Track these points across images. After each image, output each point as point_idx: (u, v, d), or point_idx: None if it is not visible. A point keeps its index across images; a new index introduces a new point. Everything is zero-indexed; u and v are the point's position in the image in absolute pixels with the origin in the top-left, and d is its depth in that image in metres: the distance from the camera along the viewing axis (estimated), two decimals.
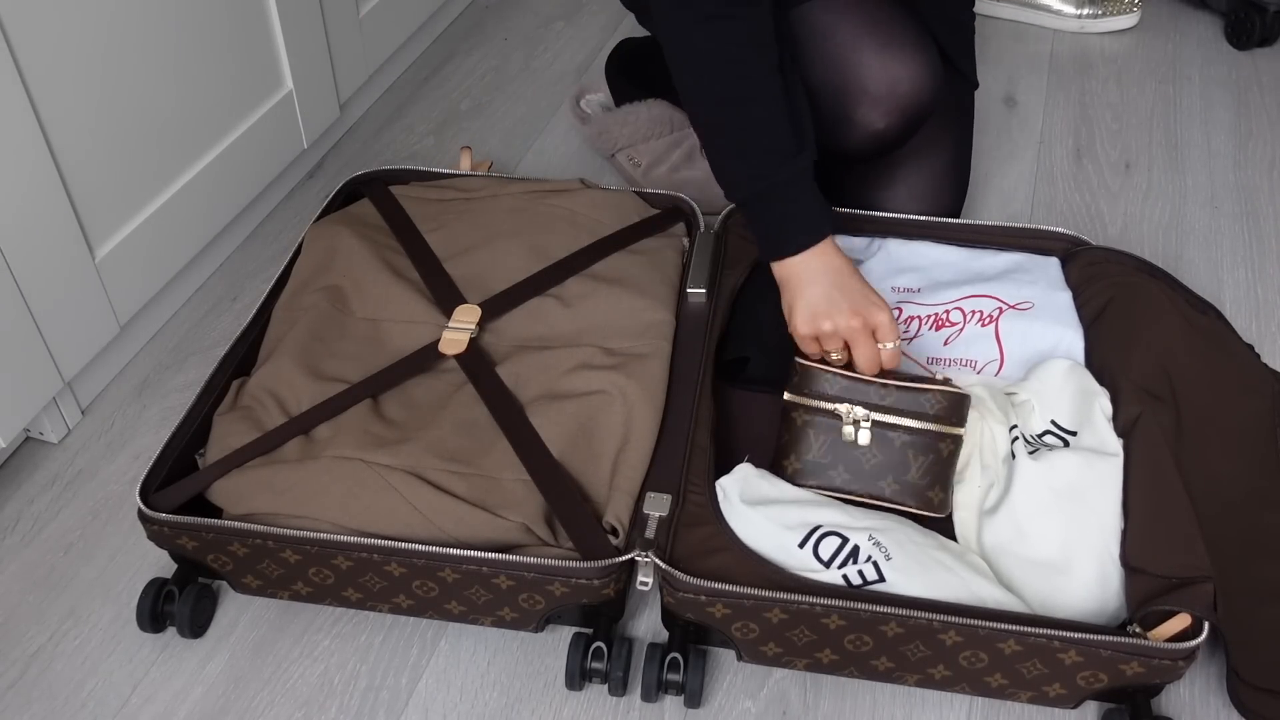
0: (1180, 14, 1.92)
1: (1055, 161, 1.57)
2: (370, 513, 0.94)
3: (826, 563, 0.91)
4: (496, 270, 1.17)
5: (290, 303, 1.16)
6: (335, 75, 1.51)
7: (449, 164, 1.54)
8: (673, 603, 0.91)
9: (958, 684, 0.92)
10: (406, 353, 1.10)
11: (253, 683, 0.96)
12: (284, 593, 0.99)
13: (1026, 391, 1.06)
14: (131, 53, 1.14)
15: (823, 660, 0.92)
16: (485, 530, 0.93)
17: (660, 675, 0.92)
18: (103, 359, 1.21)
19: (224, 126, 1.31)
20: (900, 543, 0.93)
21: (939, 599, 0.90)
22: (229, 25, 1.28)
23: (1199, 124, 1.65)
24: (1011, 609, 0.91)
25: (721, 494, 0.97)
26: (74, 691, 0.95)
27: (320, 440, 1.00)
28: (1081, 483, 0.97)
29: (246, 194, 1.38)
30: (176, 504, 0.96)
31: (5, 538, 1.08)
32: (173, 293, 1.31)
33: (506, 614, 0.95)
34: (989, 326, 1.13)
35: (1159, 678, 0.87)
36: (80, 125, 1.10)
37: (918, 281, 1.20)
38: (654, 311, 1.12)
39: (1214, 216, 1.48)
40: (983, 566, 0.95)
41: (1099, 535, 0.95)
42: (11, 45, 0.99)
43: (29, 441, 1.17)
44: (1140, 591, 0.90)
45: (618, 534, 0.95)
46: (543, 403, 1.03)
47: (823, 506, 0.96)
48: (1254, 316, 1.32)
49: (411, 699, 0.95)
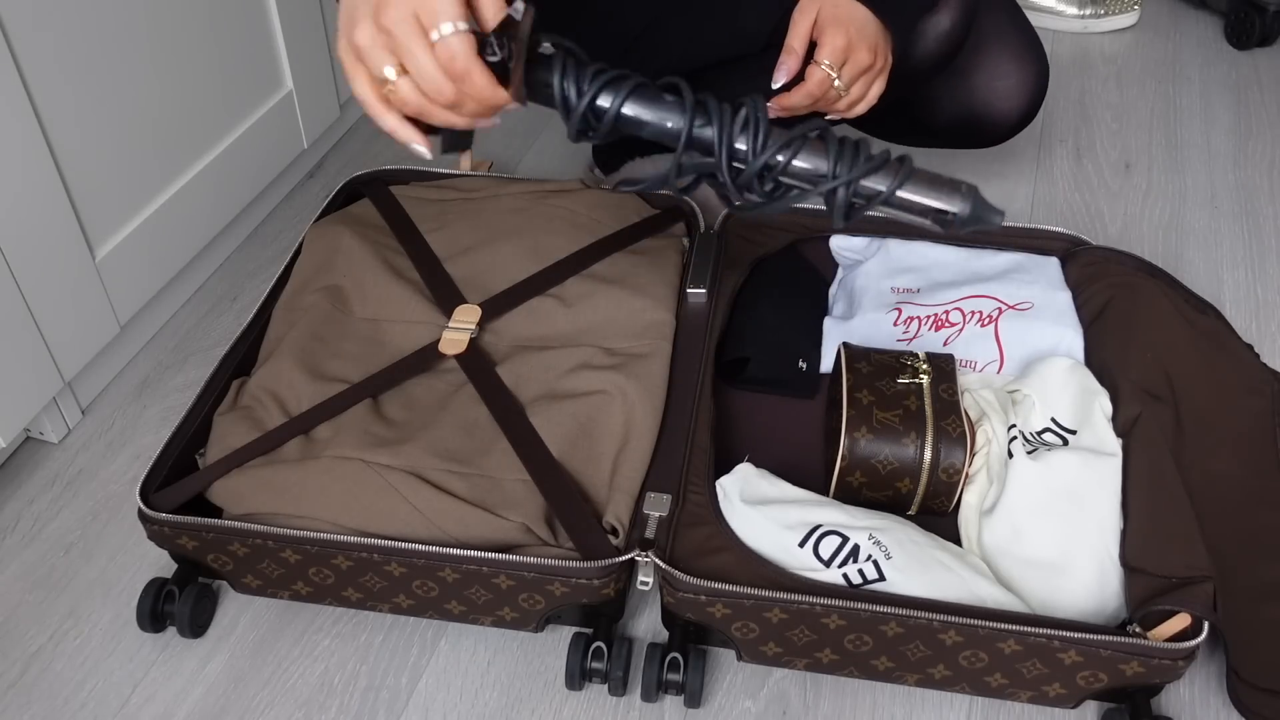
0: (1180, 14, 1.92)
1: (1055, 161, 1.57)
2: (370, 513, 0.94)
3: (827, 562, 0.92)
4: (497, 270, 1.17)
5: (290, 303, 1.16)
6: (335, 75, 1.51)
7: (449, 164, 1.54)
8: (673, 603, 0.91)
9: (958, 684, 0.92)
10: (407, 353, 1.10)
11: (253, 682, 0.96)
12: (284, 593, 0.99)
13: (1028, 387, 1.06)
14: (131, 52, 1.14)
15: (823, 660, 0.92)
16: (485, 530, 0.93)
17: (660, 675, 0.92)
18: (103, 359, 1.22)
19: (224, 126, 1.32)
20: (900, 542, 0.93)
21: (939, 598, 0.90)
22: (229, 25, 1.28)
23: (1199, 124, 1.65)
24: (1012, 609, 0.91)
25: (722, 493, 0.97)
26: (74, 691, 0.95)
27: (320, 440, 1.00)
28: (1080, 483, 0.97)
29: (246, 194, 1.38)
30: (176, 504, 0.96)
31: (5, 538, 1.08)
32: (173, 293, 1.31)
33: (506, 614, 0.95)
34: (989, 327, 1.13)
35: (1159, 677, 0.87)
36: (80, 125, 1.10)
37: (917, 282, 1.20)
38: (654, 311, 1.12)
39: (1214, 216, 1.48)
40: (983, 567, 0.95)
41: (1098, 535, 0.95)
42: (11, 45, 0.99)
43: (29, 441, 1.17)
44: (1140, 591, 0.90)
45: (618, 534, 0.95)
46: (543, 403, 1.03)
47: (823, 506, 0.96)
48: (1254, 316, 1.32)
49: (411, 699, 0.95)
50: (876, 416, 1.00)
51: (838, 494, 1.02)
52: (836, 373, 1.07)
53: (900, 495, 1.01)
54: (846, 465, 1.00)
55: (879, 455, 0.99)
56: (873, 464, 0.99)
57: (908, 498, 1.01)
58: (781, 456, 1.05)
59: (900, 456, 0.99)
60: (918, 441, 0.98)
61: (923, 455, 0.98)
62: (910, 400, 1.00)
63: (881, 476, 1.00)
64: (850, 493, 1.01)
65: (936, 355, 1.06)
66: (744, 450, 1.04)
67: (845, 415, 1.00)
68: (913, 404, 1.00)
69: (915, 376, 1.02)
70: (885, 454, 0.99)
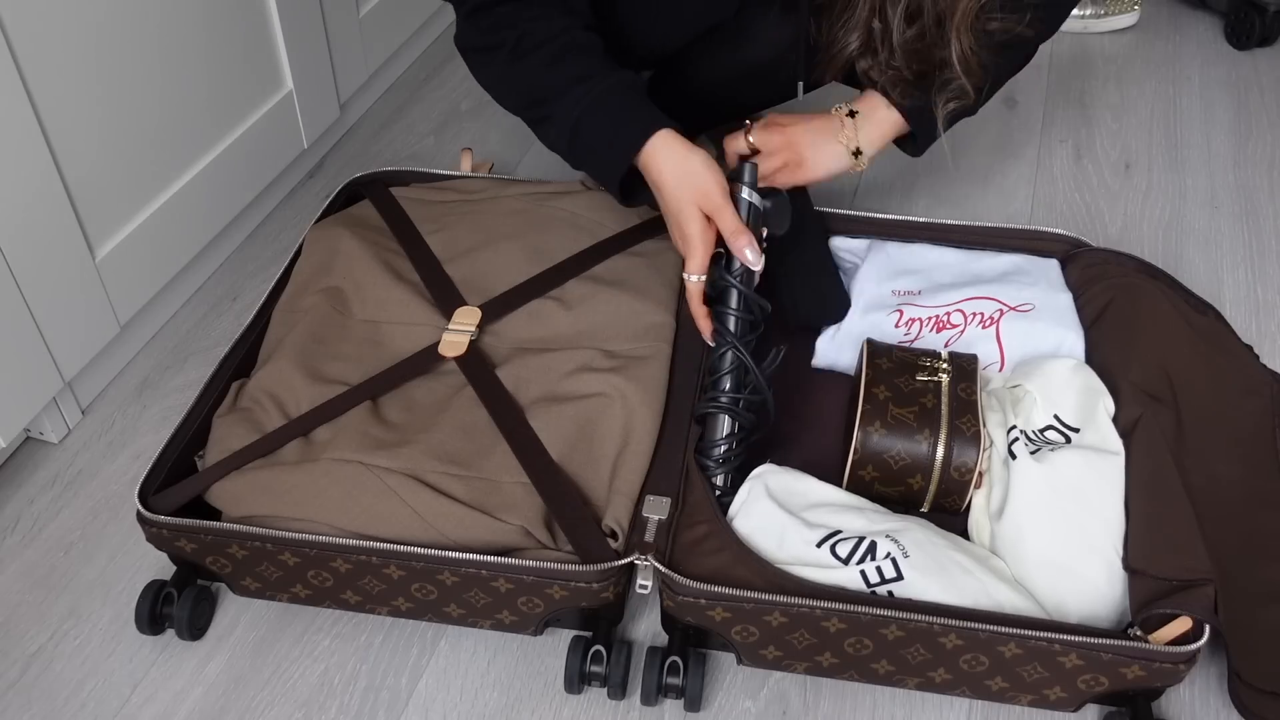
0: (1180, 14, 1.91)
1: (1055, 161, 1.57)
2: (369, 515, 0.94)
3: (845, 559, 0.91)
4: (497, 272, 1.17)
5: (290, 304, 1.16)
6: (335, 75, 1.51)
7: (449, 164, 1.54)
8: (672, 606, 0.91)
9: (958, 687, 0.92)
10: (406, 355, 1.09)
11: (253, 683, 0.96)
12: (283, 595, 0.99)
13: (1030, 383, 1.06)
14: (132, 53, 1.14)
15: (823, 664, 0.92)
16: (484, 533, 0.93)
17: (660, 679, 0.91)
18: (103, 359, 1.21)
19: (224, 126, 1.31)
20: (919, 543, 0.93)
21: (957, 600, 0.90)
22: (229, 25, 1.28)
23: (1199, 124, 1.65)
24: (1029, 614, 0.91)
25: (750, 484, 0.98)
26: (74, 691, 0.95)
27: (319, 442, 1.00)
28: (1083, 482, 0.97)
29: (246, 194, 1.38)
30: (175, 506, 0.96)
31: (5, 538, 1.08)
32: (173, 293, 1.31)
33: (505, 617, 0.95)
34: (990, 328, 1.13)
35: (1160, 681, 0.87)
36: (80, 125, 1.10)
37: (918, 284, 1.20)
38: (654, 314, 1.12)
39: (1214, 216, 1.48)
40: (1004, 570, 0.95)
41: (1103, 534, 0.94)
42: (12, 45, 0.99)
43: (29, 441, 1.17)
44: (1141, 594, 0.90)
45: (617, 537, 0.94)
46: (542, 405, 1.03)
47: (846, 512, 0.96)
48: (1254, 316, 1.32)
49: (411, 699, 0.95)
50: (892, 412, 1.00)
51: (850, 487, 1.02)
52: (858, 367, 1.08)
53: (912, 492, 1.01)
54: (859, 459, 1.00)
55: (892, 450, 1.00)
56: (885, 459, 1.00)
57: (919, 494, 1.01)
58: (803, 456, 1.06)
59: (913, 453, 0.99)
60: (931, 439, 0.99)
61: (935, 453, 0.99)
62: (927, 398, 1.01)
63: (894, 472, 1.00)
64: (862, 486, 1.02)
65: (959, 355, 1.06)
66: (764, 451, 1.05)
67: (860, 409, 1.01)
68: (929, 401, 1.01)
69: (934, 375, 1.03)
70: (898, 449, 0.99)
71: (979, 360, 1.11)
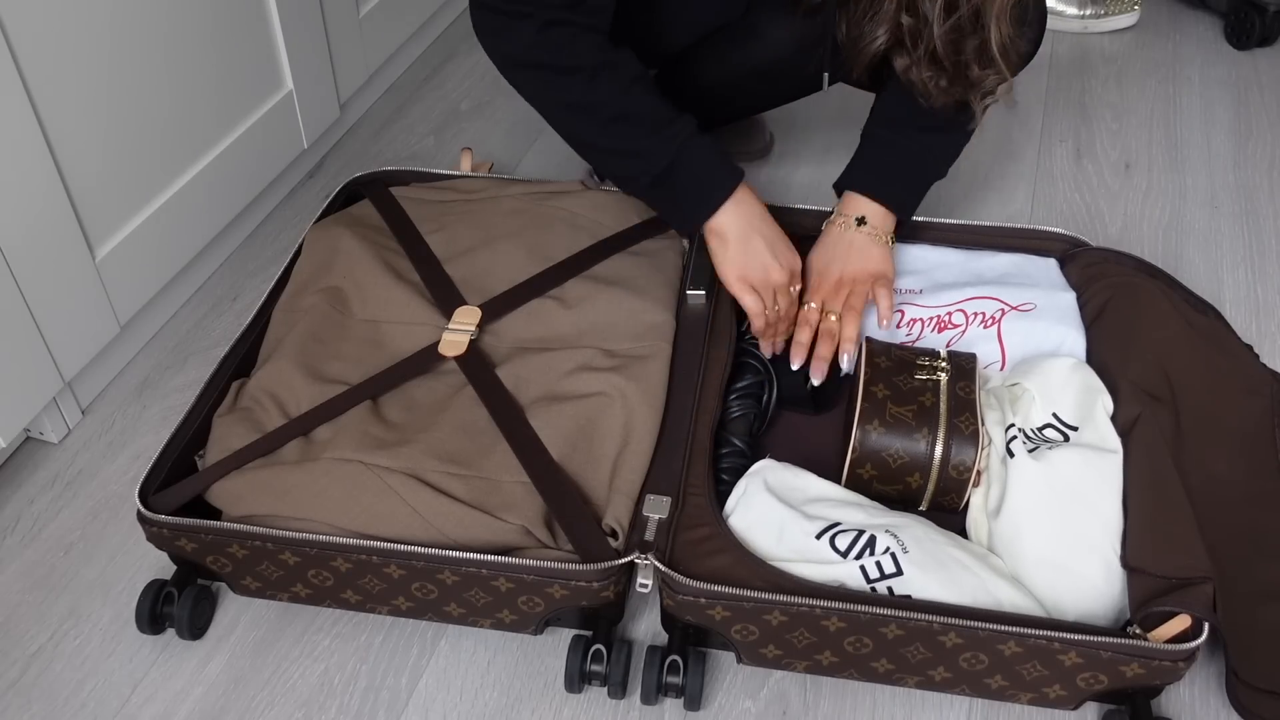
0: (1180, 14, 1.92)
1: (1055, 161, 1.57)
2: (369, 515, 0.94)
3: (844, 553, 0.92)
4: (497, 272, 1.17)
5: (290, 304, 1.16)
6: (335, 75, 1.51)
7: (449, 164, 1.54)
8: (672, 605, 0.91)
9: (958, 685, 0.92)
10: (406, 354, 1.09)
11: (253, 683, 0.96)
12: (283, 594, 0.99)
13: (1029, 381, 1.06)
14: (132, 52, 1.14)
15: (823, 662, 0.92)
16: (484, 532, 0.93)
17: (660, 678, 0.92)
18: (103, 359, 1.21)
19: (224, 126, 1.31)
20: (918, 539, 0.93)
21: (957, 596, 0.90)
22: (229, 25, 1.28)
23: (1199, 124, 1.65)
24: (1028, 612, 0.91)
25: (749, 480, 0.98)
26: (74, 691, 0.95)
27: (320, 442, 1.00)
28: (1082, 481, 0.97)
29: (246, 194, 1.38)
30: (176, 505, 0.96)
31: (5, 538, 1.08)
32: (173, 293, 1.31)
33: (506, 616, 0.95)
34: (991, 328, 1.13)
35: (1159, 679, 0.87)
36: (80, 125, 1.10)
37: (919, 284, 1.20)
38: (654, 313, 1.12)
39: (1214, 216, 1.48)
40: (1003, 568, 0.95)
41: (1101, 533, 0.94)
42: (12, 45, 0.99)
43: (29, 441, 1.17)
44: (1140, 592, 0.90)
45: (617, 536, 0.94)
46: (542, 404, 1.03)
47: (845, 506, 0.97)
48: (1254, 316, 1.32)
49: (411, 699, 0.95)
50: (890, 410, 1.00)
51: (848, 485, 1.02)
52: (857, 366, 1.08)
53: (910, 490, 1.01)
54: (857, 457, 1.00)
55: (890, 449, 1.00)
56: (883, 457, 1.00)
57: (918, 493, 1.01)
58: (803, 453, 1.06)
59: (911, 451, 0.99)
60: (929, 437, 0.99)
61: (933, 451, 0.99)
62: (926, 396, 1.01)
63: (892, 470, 1.00)
64: (861, 484, 1.02)
65: (958, 354, 1.06)
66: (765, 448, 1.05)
67: (859, 407, 1.01)
68: (928, 400, 1.01)
69: (933, 373, 1.03)
70: (896, 448, 0.99)
71: (979, 360, 1.11)
